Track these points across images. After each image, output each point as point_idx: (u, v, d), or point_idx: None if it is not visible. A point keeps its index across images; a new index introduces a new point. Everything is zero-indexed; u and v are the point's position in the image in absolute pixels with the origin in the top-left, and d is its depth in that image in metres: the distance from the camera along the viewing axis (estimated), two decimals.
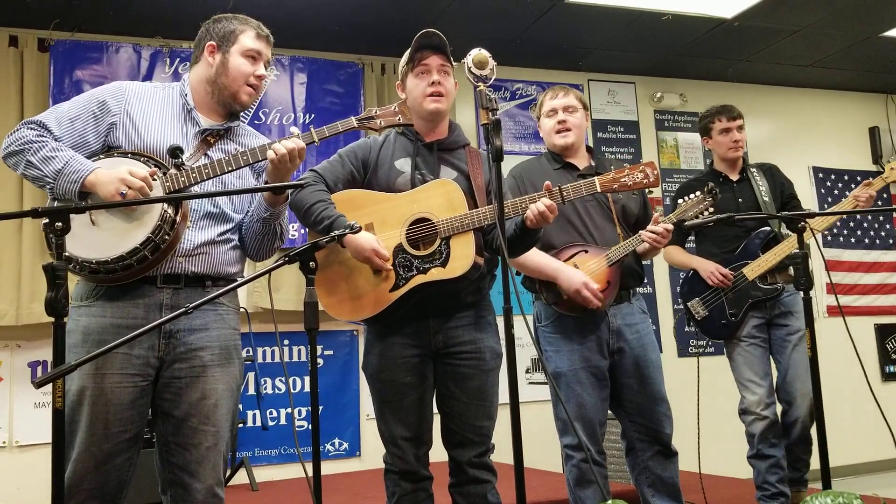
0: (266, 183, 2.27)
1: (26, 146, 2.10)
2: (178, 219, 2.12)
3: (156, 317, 2.13)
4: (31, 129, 2.13)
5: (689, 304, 3.66)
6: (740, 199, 3.63)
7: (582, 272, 2.86)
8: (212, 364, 2.19)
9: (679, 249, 3.73)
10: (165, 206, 2.10)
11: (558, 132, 3.05)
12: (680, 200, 3.09)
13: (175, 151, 2.16)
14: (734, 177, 3.70)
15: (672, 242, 3.70)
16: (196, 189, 2.20)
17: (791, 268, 3.48)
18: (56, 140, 2.14)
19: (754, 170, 3.73)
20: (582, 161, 3.09)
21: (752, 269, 3.50)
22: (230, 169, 2.19)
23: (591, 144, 3.23)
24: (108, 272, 2.08)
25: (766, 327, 3.56)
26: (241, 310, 2.42)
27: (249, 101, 2.34)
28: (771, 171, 3.77)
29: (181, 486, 2.15)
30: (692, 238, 3.88)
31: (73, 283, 2.24)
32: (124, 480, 2.13)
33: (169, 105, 2.30)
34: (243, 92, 2.31)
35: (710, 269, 3.55)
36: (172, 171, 2.16)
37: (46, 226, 2.08)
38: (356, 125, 2.31)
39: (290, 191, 2.36)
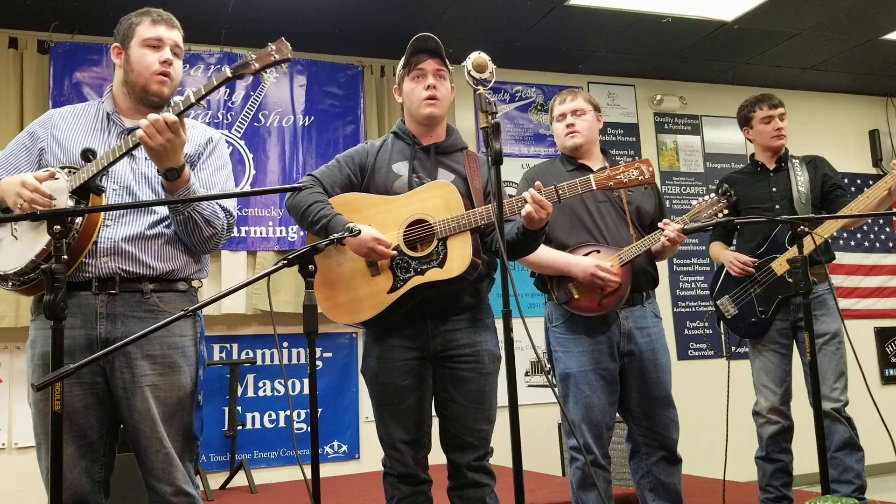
0: (158, 172, 2.16)
1: None
2: (83, 216, 2.10)
3: (92, 325, 2.15)
4: None
5: (718, 302, 3.57)
6: (774, 189, 3.53)
7: (591, 258, 2.86)
8: (152, 373, 2.17)
9: (719, 244, 3.67)
10: (67, 202, 2.09)
11: (567, 135, 3.07)
12: (694, 202, 3.09)
13: (86, 154, 2.16)
14: (772, 166, 3.60)
15: (716, 238, 3.68)
16: (108, 181, 2.20)
17: (824, 265, 3.44)
18: None
19: (796, 161, 3.60)
20: (596, 162, 3.09)
21: (780, 264, 3.39)
22: (121, 154, 2.13)
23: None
24: (32, 280, 2.10)
25: (792, 330, 3.46)
26: (197, 314, 2.32)
27: (163, 90, 2.29)
28: (815, 163, 3.62)
29: (152, 488, 2.19)
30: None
31: None
32: (98, 482, 2.17)
33: (90, 117, 2.33)
34: (152, 82, 2.27)
35: (729, 260, 3.48)
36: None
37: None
38: (230, 74, 2.21)
39: (286, 193, 2.35)
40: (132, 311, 2.17)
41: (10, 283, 2.14)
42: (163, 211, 2.26)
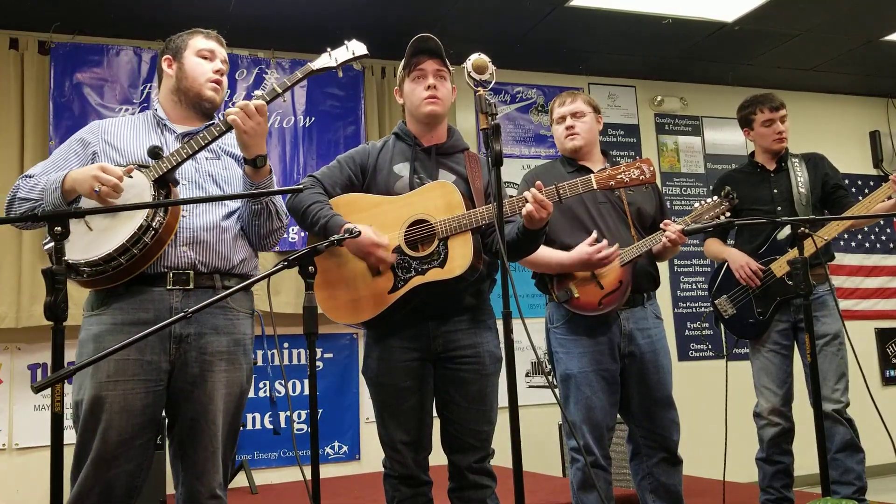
0: (244, 160, 2.28)
1: (16, 191, 2.25)
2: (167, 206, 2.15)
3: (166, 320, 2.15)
4: (20, 179, 2.29)
5: (716, 301, 3.55)
6: (775, 191, 3.51)
7: (584, 245, 2.84)
8: (219, 370, 2.22)
9: (717, 241, 3.65)
10: (153, 191, 2.14)
11: (566, 137, 3.07)
12: (696, 204, 3.09)
13: (155, 151, 2.20)
14: (772, 167, 3.57)
15: (712, 235, 3.66)
16: (179, 175, 2.25)
17: (824, 266, 3.43)
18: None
19: (796, 160, 3.56)
20: (596, 164, 3.08)
21: (780, 266, 3.37)
22: (205, 143, 2.22)
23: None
24: (115, 268, 2.10)
25: (792, 332, 3.45)
26: (256, 313, 2.44)
27: (216, 97, 2.39)
28: (814, 162, 3.59)
29: (188, 485, 2.20)
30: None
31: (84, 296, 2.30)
32: (135, 487, 2.16)
33: (142, 125, 2.39)
34: (206, 88, 2.37)
35: (740, 263, 3.44)
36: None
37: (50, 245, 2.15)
38: (314, 69, 2.36)
39: (280, 193, 2.36)
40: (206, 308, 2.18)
41: (85, 274, 2.13)
42: (232, 205, 2.35)
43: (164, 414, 2.26)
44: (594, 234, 2.84)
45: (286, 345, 4.94)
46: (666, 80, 6.16)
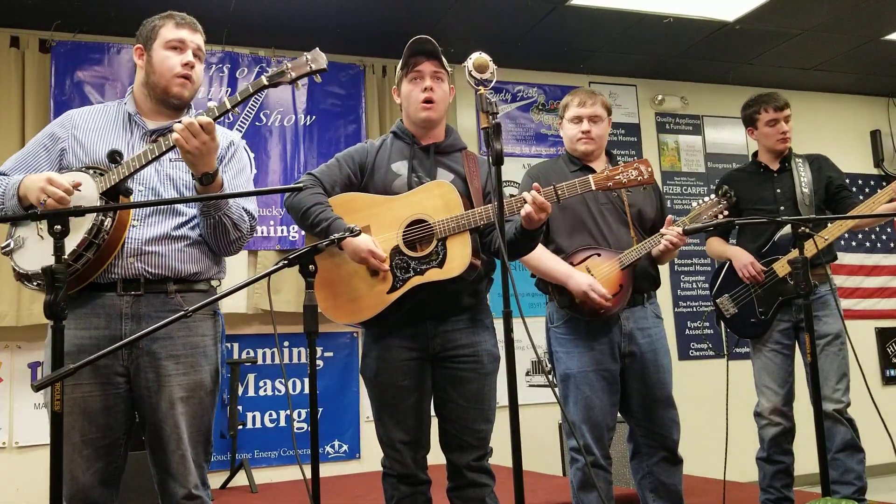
0: (193, 177, 2.18)
1: None
2: (114, 217, 2.12)
3: (117, 325, 2.16)
4: None
5: (718, 300, 3.55)
6: (778, 191, 3.50)
7: (588, 276, 2.86)
8: (176, 373, 2.19)
9: (719, 240, 3.64)
10: (97, 203, 2.10)
11: (580, 140, 3.05)
12: (694, 203, 3.09)
13: (113, 156, 2.17)
14: (775, 167, 3.56)
15: (714, 234, 3.64)
16: (134, 183, 2.20)
17: (826, 266, 3.42)
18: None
19: (799, 160, 3.55)
20: (600, 165, 3.07)
21: (782, 266, 3.37)
22: (154, 157, 2.16)
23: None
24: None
25: (794, 331, 3.44)
26: (218, 312, 2.36)
27: (184, 92, 2.31)
28: (818, 163, 3.58)
29: (165, 487, 2.20)
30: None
31: None
32: (112, 485, 2.18)
33: (112, 118, 2.34)
34: (173, 84, 2.29)
35: (744, 262, 3.43)
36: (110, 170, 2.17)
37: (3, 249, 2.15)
38: (266, 83, 2.21)
39: (286, 193, 2.34)
40: (156, 312, 2.18)
41: (35, 283, 2.13)
42: (188, 213, 2.28)
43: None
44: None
45: (286, 343, 4.94)
46: (667, 79, 6.15)
